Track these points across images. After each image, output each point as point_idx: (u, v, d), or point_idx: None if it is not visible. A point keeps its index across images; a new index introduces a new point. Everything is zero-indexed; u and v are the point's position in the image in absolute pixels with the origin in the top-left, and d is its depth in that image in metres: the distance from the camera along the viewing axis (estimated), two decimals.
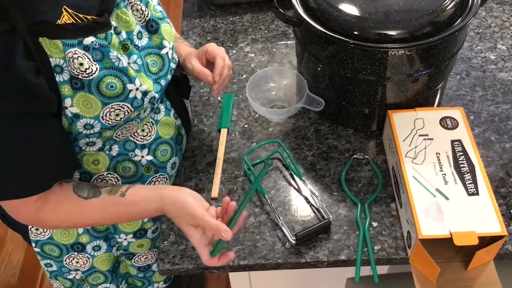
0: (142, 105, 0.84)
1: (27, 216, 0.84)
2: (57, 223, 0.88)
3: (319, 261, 0.92)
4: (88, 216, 0.86)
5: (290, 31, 1.36)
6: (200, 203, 0.83)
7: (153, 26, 0.89)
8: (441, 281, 0.87)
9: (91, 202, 0.84)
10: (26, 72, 0.69)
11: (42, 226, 0.95)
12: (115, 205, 0.85)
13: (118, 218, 0.90)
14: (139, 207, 0.85)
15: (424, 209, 0.87)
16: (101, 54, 0.76)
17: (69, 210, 0.84)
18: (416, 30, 0.92)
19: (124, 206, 0.85)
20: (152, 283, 1.19)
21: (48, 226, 0.93)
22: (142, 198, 0.85)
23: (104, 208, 0.85)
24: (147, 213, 0.87)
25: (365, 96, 1.03)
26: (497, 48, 1.27)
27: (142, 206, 0.85)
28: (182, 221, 0.82)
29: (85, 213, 0.85)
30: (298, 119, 1.15)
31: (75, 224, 0.92)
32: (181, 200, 0.82)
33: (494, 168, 1.03)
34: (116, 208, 0.85)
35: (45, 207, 0.83)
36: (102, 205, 0.85)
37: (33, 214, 0.83)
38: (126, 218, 0.91)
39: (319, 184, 1.03)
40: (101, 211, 0.85)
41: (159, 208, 0.84)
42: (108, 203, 0.85)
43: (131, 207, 0.85)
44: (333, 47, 0.98)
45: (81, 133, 0.82)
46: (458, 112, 1.02)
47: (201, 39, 1.36)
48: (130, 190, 0.85)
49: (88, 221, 0.89)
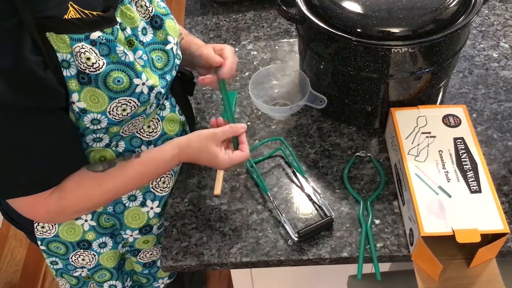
0: (148, 100, 0.84)
1: (47, 210, 0.83)
2: (82, 205, 0.87)
3: (321, 258, 0.92)
4: (110, 186, 0.86)
5: (293, 28, 1.36)
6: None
7: (158, 22, 0.89)
8: (443, 278, 0.87)
9: (109, 172, 0.86)
10: (35, 66, 0.69)
11: (67, 216, 0.91)
12: (133, 167, 0.87)
13: (139, 179, 0.90)
14: (156, 161, 0.89)
15: (427, 206, 0.87)
16: (108, 49, 0.76)
17: (90, 186, 0.85)
18: (419, 27, 0.92)
19: (142, 165, 0.88)
20: (157, 279, 1.19)
21: (72, 212, 0.89)
22: (157, 152, 0.89)
23: (123, 173, 0.87)
24: (165, 163, 0.89)
25: (367, 94, 1.03)
26: (500, 46, 1.27)
27: (159, 158, 0.89)
28: (207, 147, 0.87)
29: (106, 185, 0.86)
30: (300, 117, 1.15)
31: (98, 200, 0.88)
32: (194, 134, 0.90)
33: (496, 165, 1.03)
34: (135, 170, 0.87)
35: (65, 194, 0.83)
36: (120, 171, 0.87)
37: (54, 205, 0.83)
38: (146, 177, 0.91)
39: (321, 181, 1.03)
40: (120, 176, 0.87)
41: (176, 154, 0.88)
42: (126, 167, 0.87)
43: (149, 164, 0.88)
44: (336, 45, 0.98)
45: (88, 128, 0.82)
46: (460, 110, 1.02)
47: (203, 37, 1.36)
48: (144, 152, 0.90)
49: (111, 192, 0.88)
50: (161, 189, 1.00)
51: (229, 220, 0.98)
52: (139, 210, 1.00)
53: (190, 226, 0.98)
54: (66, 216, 0.90)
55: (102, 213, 0.98)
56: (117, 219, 1.00)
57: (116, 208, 0.98)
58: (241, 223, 0.97)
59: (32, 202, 0.82)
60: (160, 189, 1.00)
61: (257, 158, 1.07)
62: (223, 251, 0.93)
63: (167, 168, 0.92)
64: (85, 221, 0.98)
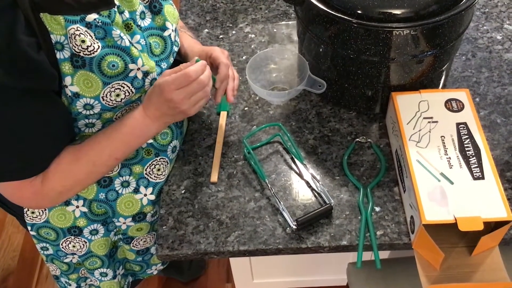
0: (143, 86, 0.83)
1: (33, 192, 0.82)
2: (64, 183, 0.85)
3: (321, 246, 0.91)
4: (87, 157, 0.84)
5: (292, 10, 1.33)
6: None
7: (156, 6, 0.87)
8: (444, 266, 0.86)
9: (84, 143, 0.84)
10: (28, 48, 0.68)
11: (52, 198, 0.88)
12: (105, 134, 0.85)
13: (115, 145, 0.86)
14: (127, 123, 0.85)
15: (428, 193, 0.86)
16: (104, 32, 0.75)
17: (69, 161, 0.83)
18: (422, 9, 0.90)
19: (114, 130, 0.85)
20: (150, 266, 1.19)
21: (57, 193, 0.86)
22: (126, 115, 0.86)
23: (97, 141, 0.85)
24: (135, 124, 0.85)
25: (368, 78, 1.00)
26: (503, 28, 1.24)
27: (128, 120, 0.85)
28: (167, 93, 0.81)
29: (84, 156, 0.84)
30: (299, 102, 1.13)
31: (79, 175, 0.85)
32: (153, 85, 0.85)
33: (500, 151, 1.01)
34: (108, 135, 0.85)
35: (48, 175, 0.82)
36: (94, 139, 0.85)
37: (38, 188, 0.82)
38: (122, 142, 0.86)
39: (320, 168, 1.01)
40: (95, 145, 0.84)
41: (142, 111, 0.85)
42: (99, 135, 0.85)
43: (120, 128, 0.85)
44: (335, 27, 0.95)
45: (80, 113, 0.81)
46: (463, 94, 1.00)
47: (200, 19, 1.33)
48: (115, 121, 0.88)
49: (89, 163, 0.85)
50: (155, 175, 0.98)
51: (226, 207, 0.96)
52: (132, 197, 0.98)
53: (186, 214, 0.96)
54: (52, 199, 0.87)
55: (94, 200, 0.97)
56: (109, 206, 0.98)
57: (109, 195, 0.97)
58: (238, 210, 0.96)
59: (17, 186, 0.81)
60: (154, 176, 0.98)
61: (254, 144, 1.05)
62: (220, 240, 0.92)
63: (143, 131, 0.87)
64: (76, 207, 0.97)
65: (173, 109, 0.84)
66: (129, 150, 0.88)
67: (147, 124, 0.86)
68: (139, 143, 0.89)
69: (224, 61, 0.95)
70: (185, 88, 0.82)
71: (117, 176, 0.96)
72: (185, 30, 1.07)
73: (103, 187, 0.95)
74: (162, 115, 0.85)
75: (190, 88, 0.83)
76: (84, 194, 0.95)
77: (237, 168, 1.02)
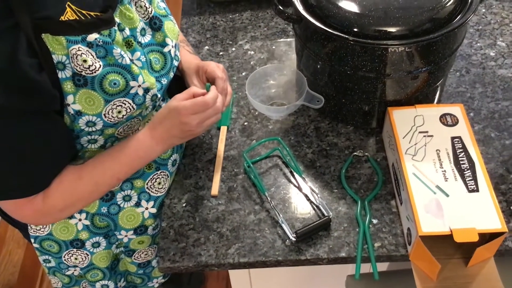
0: (144, 102, 0.84)
1: (34, 210, 0.83)
2: (66, 201, 0.85)
3: (319, 258, 0.92)
4: (90, 176, 0.85)
5: (290, 28, 1.36)
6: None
7: (156, 23, 0.88)
8: (441, 277, 0.87)
9: (87, 163, 0.86)
10: (29, 69, 0.69)
11: (54, 216, 0.89)
12: (109, 154, 0.87)
13: (118, 166, 0.87)
14: (131, 144, 0.87)
15: (424, 206, 0.87)
16: (105, 51, 0.76)
17: (71, 180, 0.84)
18: (416, 26, 0.92)
19: (118, 151, 0.87)
20: (151, 279, 1.19)
21: (58, 211, 0.86)
22: (131, 136, 0.88)
23: (101, 161, 0.86)
24: (139, 145, 0.87)
25: (365, 93, 1.02)
26: (496, 44, 1.27)
27: (132, 141, 0.87)
28: (184, 116, 0.84)
29: (86, 175, 0.85)
30: (298, 117, 1.15)
31: (81, 194, 0.86)
32: (163, 108, 0.87)
33: (494, 164, 1.03)
34: (112, 156, 0.86)
35: (49, 193, 0.82)
36: (98, 159, 0.86)
37: (40, 205, 0.82)
38: (125, 164, 0.88)
39: (319, 181, 1.03)
40: (99, 165, 0.86)
41: (147, 132, 0.87)
42: (103, 155, 0.87)
43: (123, 149, 0.87)
44: (332, 44, 0.97)
45: (83, 130, 0.82)
46: (458, 109, 1.02)
47: (200, 37, 1.35)
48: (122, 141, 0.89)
49: (91, 182, 0.85)
50: (156, 189, 1.00)
51: (226, 220, 0.98)
52: (134, 210, 1.00)
53: (187, 227, 0.97)
54: (53, 216, 0.89)
55: (96, 214, 0.98)
56: (111, 219, 0.99)
57: (111, 209, 0.98)
58: (238, 223, 0.97)
59: (18, 204, 0.82)
60: (155, 190, 1.00)
61: (254, 158, 1.07)
62: (221, 252, 0.93)
63: (147, 153, 0.88)
64: (79, 220, 0.98)
65: (185, 132, 0.87)
66: (131, 171, 0.90)
67: (151, 145, 0.88)
68: (142, 164, 0.91)
69: (219, 75, 0.96)
70: (202, 113, 0.86)
71: (119, 191, 0.97)
72: (184, 45, 1.09)
73: (105, 201, 0.97)
74: (171, 137, 0.87)
75: (206, 114, 0.86)
76: (86, 207, 0.96)
77: (237, 182, 1.04)
